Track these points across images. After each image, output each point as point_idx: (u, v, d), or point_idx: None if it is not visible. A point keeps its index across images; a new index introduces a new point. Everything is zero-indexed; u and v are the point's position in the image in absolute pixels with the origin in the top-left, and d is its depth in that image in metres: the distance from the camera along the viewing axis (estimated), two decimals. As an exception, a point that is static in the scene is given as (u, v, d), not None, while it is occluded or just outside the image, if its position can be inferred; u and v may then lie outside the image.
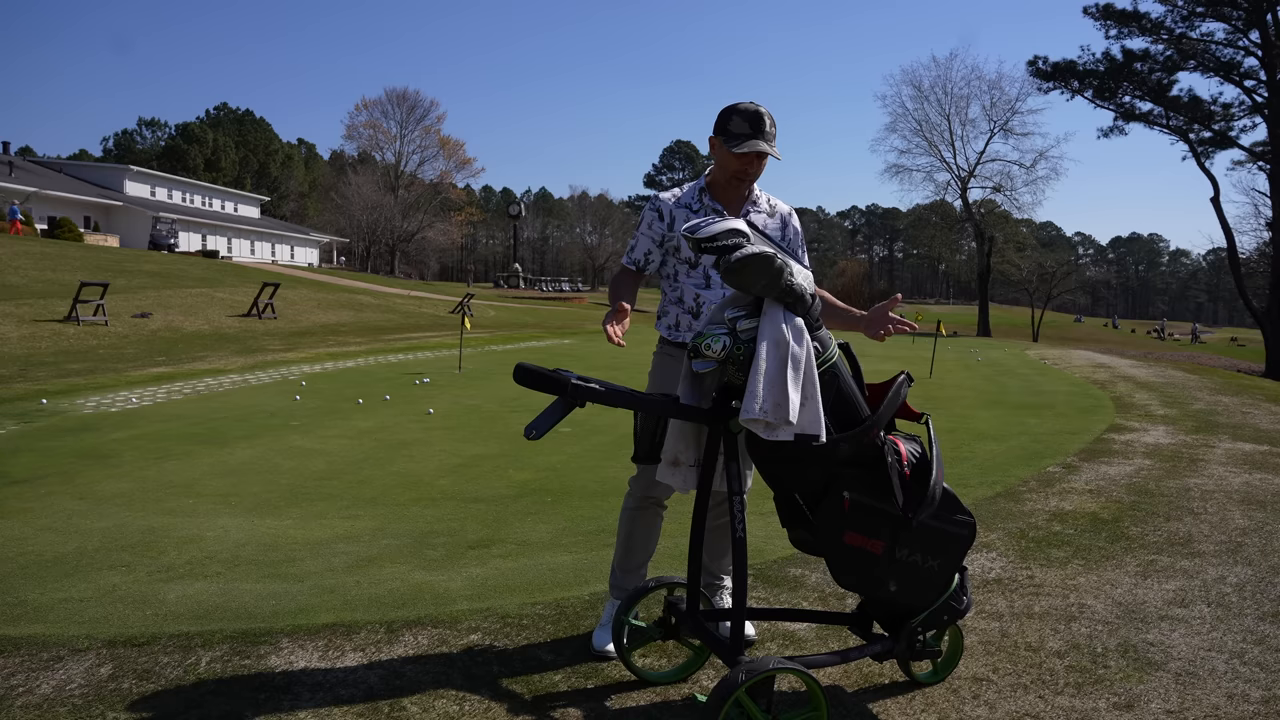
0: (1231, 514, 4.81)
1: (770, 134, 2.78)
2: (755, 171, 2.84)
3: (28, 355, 13.21)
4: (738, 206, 2.94)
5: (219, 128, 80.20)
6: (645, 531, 3.04)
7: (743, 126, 2.77)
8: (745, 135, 2.76)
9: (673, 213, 2.94)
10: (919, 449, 2.46)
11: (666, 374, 2.95)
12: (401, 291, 34.66)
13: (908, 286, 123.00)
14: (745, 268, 2.24)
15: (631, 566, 3.04)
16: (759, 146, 2.75)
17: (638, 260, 3.01)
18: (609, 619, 2.95)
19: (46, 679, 2.69)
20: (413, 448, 7.21)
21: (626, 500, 3.06)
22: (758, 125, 2.76)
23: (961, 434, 7.86)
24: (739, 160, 2.79)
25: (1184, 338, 62.16)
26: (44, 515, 5.00)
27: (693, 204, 2.94)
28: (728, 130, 2.78)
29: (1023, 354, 21.02)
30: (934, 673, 2.73)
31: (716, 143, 2.84)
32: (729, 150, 2.77)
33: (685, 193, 2.98)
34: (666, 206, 2.95)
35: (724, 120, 2.80)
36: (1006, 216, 52.66)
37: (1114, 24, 34.04)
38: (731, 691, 2.09)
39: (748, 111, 2.78)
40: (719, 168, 2.90)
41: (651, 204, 3.00)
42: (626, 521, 3.05)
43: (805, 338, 2.27)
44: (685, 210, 2.92)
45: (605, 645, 2.89)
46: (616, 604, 2.97)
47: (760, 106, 2.79)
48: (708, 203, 2.92)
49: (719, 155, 2.85)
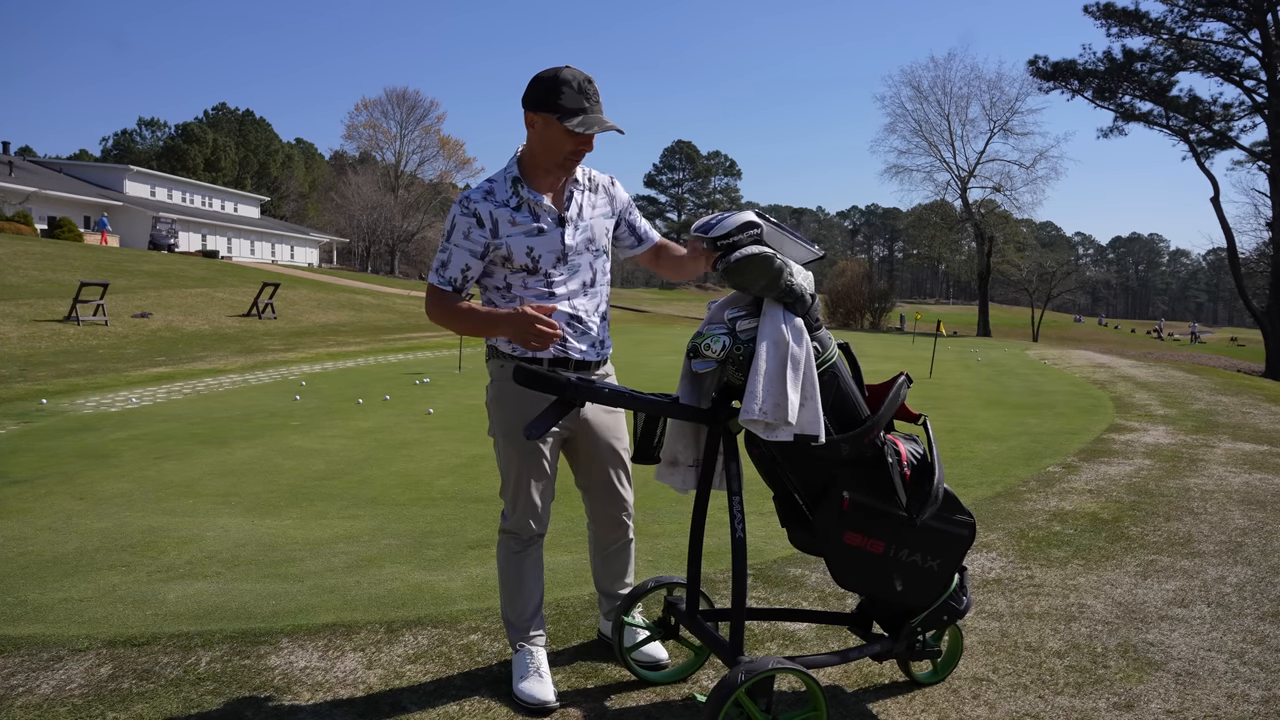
0: (1231, 514, 4.80)
1: (601, 104, 2.42)
2: (588, 150, 2.47)
3: (28, 355, 13.20)
4: (559, 191, 2.56)
5: (219, 128, 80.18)
6: (535, 570, 2.69)
7: (577, 100, 2.37)
8: (582, 109, 2.37)
9: (494, 215, 2.47)
10: (919, 449, 2.45)
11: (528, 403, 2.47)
12: (401, 291, 34.65)
13: (908, 287, 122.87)
14: (745, 268, 2.23)
15: (530, 612, 2.68)
16: (603, 122, 2.41)
17: (454, 279, 2.49)
18: (530, 669, 2.59)
19: (46, 679, 2.69)
20: (413, 448, 7.20)
21: (504, 546, 2.68)
22: (593, 96, 2.39)
23: (961, 434, 7.86)
24: (575, 141, 2.41)
25: (1184, 338, 62.15)
26: (44, 515, 5.00)
27: (510, 200, 2.50)
28: (560, 105, 2.36)
29: (1023, 354, 21.02)
30: (934, 673, 2.73)
31: (541, 120, 2.40)
32: (565, 128, 2.37)
33: (497, 188, 2.51)
34: (485, 209, 2.47)
35: (550, 92, 2.36)
36: (1006, 216, 52.70)
37: (1115, 23, 34.06)
38: (731, 691, 2.09)
39: (578, 79, 2.37)
40: (543, 150, 2.46)
41: (463, 209, 2.48)
42: (513, 570, 2.66)
43: (805, 338, 2.26)
44: (506, 210, 2.48)
45: (546, 697, 2.50)
46: (530, 652, 2.62)
47: (581, 71, 2.40)
48: (525, 194, 2.50)
49: (546, 135, 2.42)
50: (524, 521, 2.65)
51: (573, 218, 2.57)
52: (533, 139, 2.49)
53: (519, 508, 2.65)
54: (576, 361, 2.58)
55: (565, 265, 2.56)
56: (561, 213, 2.55)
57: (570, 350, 2.57)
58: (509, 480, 2.65)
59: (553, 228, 2.53)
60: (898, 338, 30.02)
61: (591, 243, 2.61)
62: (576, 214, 2.58)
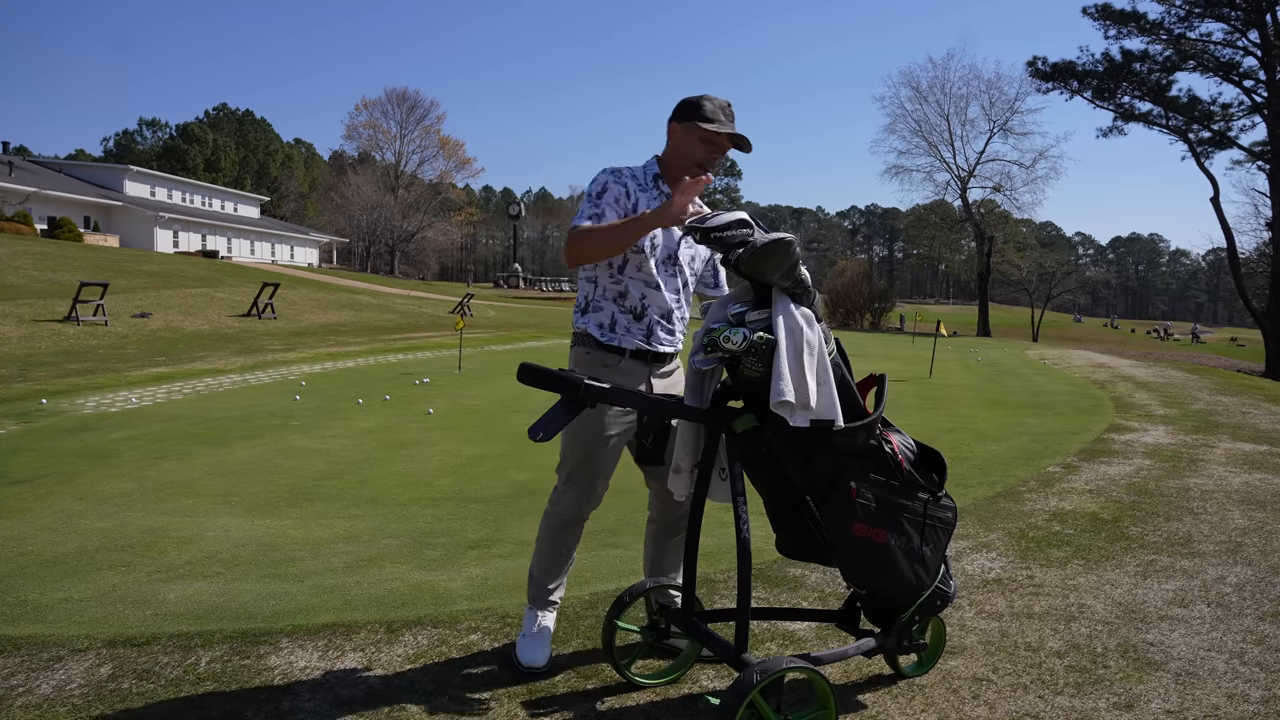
0: (1231, 514, 4.81)
1: (735, 122, 2.68)
2: (719, 156, 2.71)
3: (28, 355, 13.20)
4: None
5: (219, 128, 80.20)
6: (571, 545, 2.87)
7: (716, 113, 2.66)
8: (719, 120, 2.65)
9: (636, 194, 2.71)
10: (910, 441, 2.51)
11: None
12: (401, 291, 34.66)
13: (908, 287, 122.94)
14: (774, 250, 2.26)
15: (555, 580, 2.87)
16: (734, 130, 2.65)
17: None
18: (533, 628, 2.80)
19: (46, 679, 2.69)
20: (413, 448, 7.20)
21: (549, 519, 2.84)
22: (729, 114, 2.68)
23: (961, 434, 7.86)
24: (708, 149, 2.66)
25: (1184, 338, 62.17)
26: (44, 515, 5.00)
27: (649, 188, 2.74)
28: (701, 113, 2.64)
29: (1023, 354, 21.02)
30: (919, 664, 2.77)
31: (681, 128, 2.67)
32: (703, 131, 2.63)
33: (639, 174, 2.75)
34: (632, 186, 2.71)
35: (696, 106, 2.66)
36: (1006, 216, 52.68)
37: (1113, 24, 34.05)
38: (748, 692, 2.09)
39: (719, 101, 2.67)
40: (678, 155, 2.70)
41: (615, 178, 2.70)
42: (551, 540, 2.84)
43: (815, 325, 2.32)
44: (645, 194, 2.72)
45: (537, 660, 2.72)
46: (539, 615, 2.83)
47: (723, 99, 2.69)
48: (663, 188, 2.74)
49: (684, 140, 2.67)
50: (571, 505, 2.79)
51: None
52: (671, 145, 2.73)
53: (570, 491, 2.78)
54: (657, 353, 2.76)
55: (671, 265, 2.77)
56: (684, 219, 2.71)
57: (655, 344, 2.75)
58: (567, 462, 2.78)
59: (673, 229, 2.71)
60: (898, 338, 30.02)
61: (694, 260, 2.84)
62: None
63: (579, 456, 2.74)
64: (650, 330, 2.73)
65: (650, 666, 2.78)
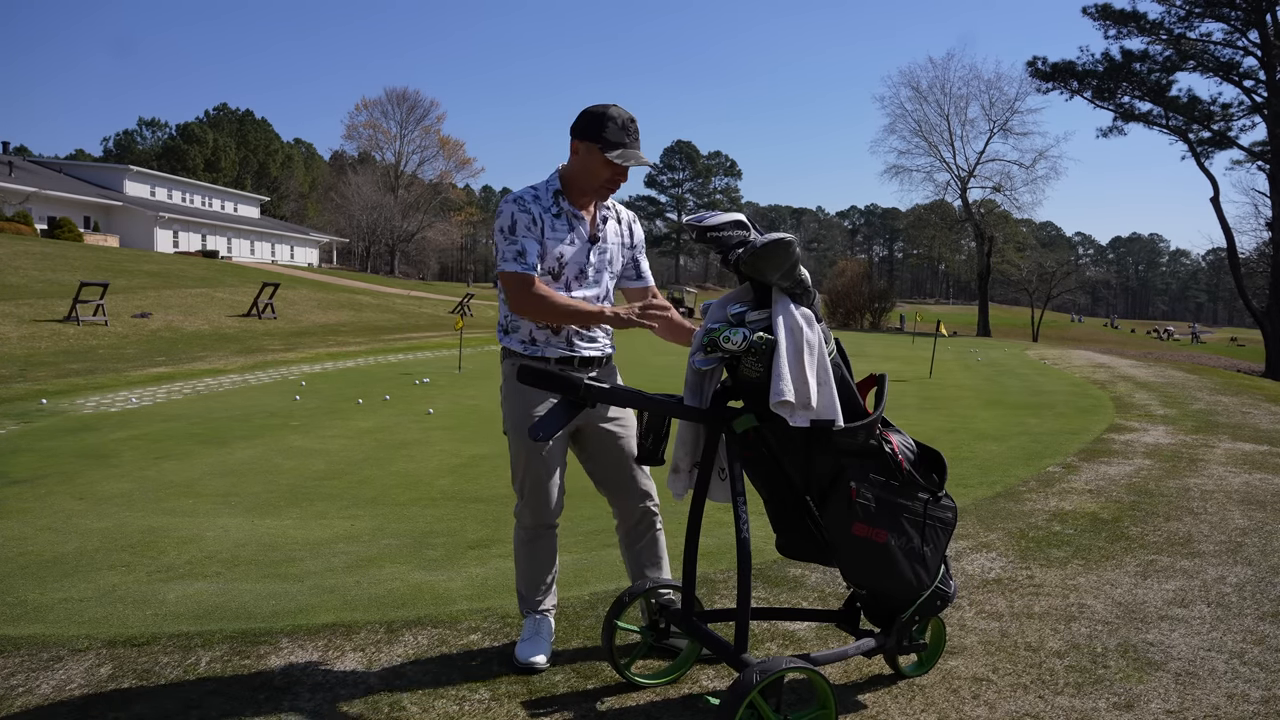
0: (1231, 514, 4.81)
1: (639, 142, 2.70)
2: (623, 180, 2.74)
3: (28, 355, 13.20)
4: (592, 213, 2.82)
5: (219, 128, 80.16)
6: (546, 555, 2.90)
7: (620, 135, 2.65)
8: (623, 144, 2.65)
9: (540, 217, 2.71)
10: (910, 441, 2.51)
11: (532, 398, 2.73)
12: (401, 291, 34.66)
13: (908, 287, 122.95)
14: (775, 250, 2.27)
15: (541, 589, 2.91)
16: (639, 157, 2.68)
17: (534, 265, 2.68)
18: (533, 632, 2.84)
19: (46, 679, 2.69)
20: (413, 448, 7.20)
21: (518, 533, 2.90)
22: (633, 134, 2.67)
23: (961, 434, 7.86)
24: (612, 170, 2.68)
25: (1184, 338, 62.18)
26: (44, 515, 5.00)
27: (551, 207, 2.73)
28: (604, 138, 2.63)
29: (1023, 354, 21.02)
30: (919, 664, 2.77)
31: (584, 148, 2.67)
32: (604, 158, 2.64)
33: (541, 194, 2.75)
34: (535, 210, 2.71)
35: (596, 125, 2.64)
36: (1006, 216, 52.71)
37: (1113, 24, 34.05)
38: (748, 692, 2.09)
39: (622, 118, 2.65)
40: (584, 173, 2.71)
41: (520, 207, 2.70)
42: (525, 554, 2.89)
43: (815, 325, 2.32)
44: (549, 215, 2.72)
45: (537, 660, 2.76)
46: (537, 619, 2.86)
47: (626, 111, 2.68)
48: (565, 207, 2.75)
49: (587, 161, 2.68)
50: (533, 513, 2.84)
51: (600, 239, 2.84)
52: (575, 163, 2.74)
53: (528, 500, 2.83)
54: (581, 359, 2.82)
55: (585, 279, 2.82)
56: (594, 232, 2.81)
57: (577, 351, 2.81)
58: (517, 473, 2.84)
59: (582, 243, 2.79)
60: (897, 338, 30.02)
61: (610, 264, 2.89)
62: (603, 237, 2.85)
63: (521, 465, 2.79)
64: (569, 340, 2.79)
65: (650, 666, 2.78)
